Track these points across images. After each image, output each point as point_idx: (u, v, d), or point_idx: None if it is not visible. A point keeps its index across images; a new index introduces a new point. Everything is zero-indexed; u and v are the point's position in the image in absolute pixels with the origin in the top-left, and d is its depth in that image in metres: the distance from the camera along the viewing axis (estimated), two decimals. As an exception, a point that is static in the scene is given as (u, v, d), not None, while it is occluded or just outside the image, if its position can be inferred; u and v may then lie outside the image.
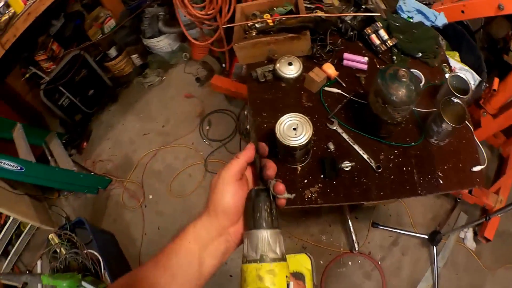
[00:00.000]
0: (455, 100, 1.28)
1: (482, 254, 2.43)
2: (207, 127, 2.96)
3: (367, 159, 1.31)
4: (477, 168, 1.29)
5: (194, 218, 0.63)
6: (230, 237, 0.61)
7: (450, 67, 1.56)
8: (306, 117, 1.15)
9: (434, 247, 2.34)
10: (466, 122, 1.27)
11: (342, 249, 2.43)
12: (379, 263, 2.40)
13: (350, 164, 1.29)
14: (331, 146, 1.34)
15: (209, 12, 2.42)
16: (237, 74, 2.76)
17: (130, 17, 2.94)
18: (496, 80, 1.97)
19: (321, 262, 2.41)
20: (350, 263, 2.41)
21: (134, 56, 3.18)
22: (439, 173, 1.29)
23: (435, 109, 1.31)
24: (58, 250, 2.14)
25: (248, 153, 0.64)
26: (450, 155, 1.33)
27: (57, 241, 2.15)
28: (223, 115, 3.02)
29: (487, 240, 2.35)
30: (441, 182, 1.28)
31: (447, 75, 1.50)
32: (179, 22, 2.73)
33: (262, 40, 1.53)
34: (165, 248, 0.59)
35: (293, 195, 0.61)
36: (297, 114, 1.16)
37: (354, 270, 2.39)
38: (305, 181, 1.30)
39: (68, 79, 2.75)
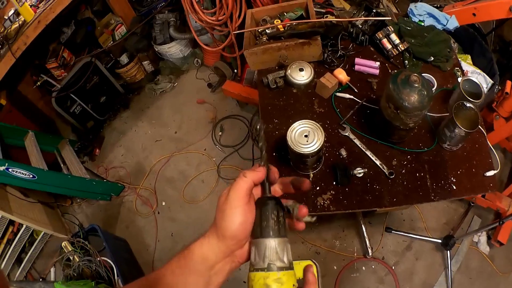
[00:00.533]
0: (468, 104, 1.27)
1: (496, 258, 2.39)
2: (220, 133, 2.96)
3: (379, 165, 1.30)
4: (490, 173, 1.27)
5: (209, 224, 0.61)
6: (236, 258, 0.60)
7: (462, 71, 1.54)
8: (318, 124, 1.15)
9: (448, 251, 2.32)
10: (479, 126, 1.25)
11: (355, 254, 2.42)
12: (393, 268, 2.38)
13: (362, 171, 1.28)
14: (343, 152, 1.34)
15: (220, 18, 2.43)
16: (249, 79, 2.76)
17: (141, 23, 2.95)
18: (509, 83, 1.95)
19: (335, 267, 2.40)
20: (363, 268, 2.39)
21: (145, 63, 3.20)
22: (452, 178, 1.28)
23: (448, 114, 1.30)
24: (71, 258, 2.15)
25: (257, 175, 0.60)
26: (463, 160, 1.31)
27: (70, 249, 2.15)
28: (236, 121, 3.02)
29: (501, 244, 2.31)
30: (454, 187, 1.27)
31: (459, 79, 1.49)
32: (190, 28, 2.74)
33: (273, 46, 1.54)
34: (171, 266, 0.58)
35: (314, 218, 0.61)
36: (309, 120, 1.16)
37: (368, 275, 2.37)
38: (317, 188, 1.30)
39: (80, 86, 2.78)
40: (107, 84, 3.04)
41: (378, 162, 1.31)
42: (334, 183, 1.30)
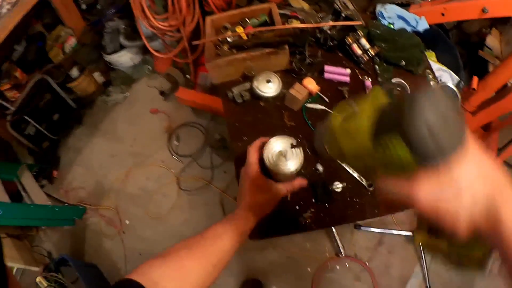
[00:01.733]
0: None
1: (470, 245, 2.45)
2: (176, 143, 2.86)
3: (357, 178, 1.26)
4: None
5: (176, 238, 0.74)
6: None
7: (433, 73, 1.52)
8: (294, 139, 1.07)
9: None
10: None
11: (328, 255, 2.41)
12: (367, 264, 2.39)
13: (341, 185, 1.23)
14: (320, 167, 1.27)
15: (172, 23, 2.29)
16: (202, 85, 2.67)
17: (91, 33, 2.82)
18: (475, 78, 1.96)
19: (309, 269, 2.38)
20: (338, 267, 2.39)
21: (96, 74, 3.02)
22: (432, 184, 1.26)
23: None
24: None
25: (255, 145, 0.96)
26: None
27: (45, 284, 2.04)
28: (191, 129, 2.92)
29: (473, 233, 2.37)
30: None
31: (431, 83, 1.47)
32: (141, 34, 2.58)
33: (238, 58, 1.43)
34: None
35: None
36: (284, 136, 1.03)
37: (343, 273, 2.37)
38: (297, 207, 1.24)
39: (33, 106, 2.61)
40: (60, 101, 2.85)
41: (356, 175, 1.26)
42: (314, 200, 1.24)
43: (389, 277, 2.38)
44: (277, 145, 0.99)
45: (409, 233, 2.41)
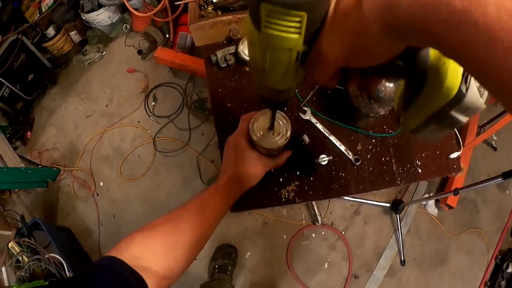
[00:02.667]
0: None
1: (445, 220, 2.50)
2: (153, 103, 2.76)
3: (344, 151, 1.20)
4: (454, 155, 1.23)
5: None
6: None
7: None
8: (282, 113, 1.01)
9: (397, 215, 2.37)
10: None
11: (304, 222, 2.41)
12: (343, 233, 2.40)
13: (327, 158, 1.17)
14: (306, 138, 1.20)
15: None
16: (181, 44, 2.56)
17: None
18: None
19: (284, 236, 2.38)
20: (313, 235, 2.40)
21: (72, 33, 2.86)
22: (417, 161, 1.21)
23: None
24: (20, 259, 1.99)
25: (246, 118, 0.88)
26: (428, 143, 1.24)
27: (18, 250, 1.99)
28: (169, 89, 2.81)
29: (450, 207, 2.40)
30: (420, 171, 1.20)
31: None
32: None
33: (223, 19, 1.30)
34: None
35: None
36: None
37: (319, 242, 2.39)
38: (280, 179, 1.18)
39: (7, 67, 2.47)
40: (35, 61, 2.71)
41: (343, 148, 1.20)
42: (298, 173, 1.19)
43: (363, 247, 2.41)
44: (265, 119, 0.92)
45: (386, 204, 2.42)
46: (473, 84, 0.37)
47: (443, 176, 1.34)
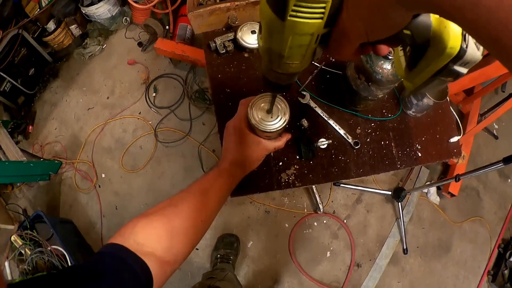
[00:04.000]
0: None
1: (447, 208, 2.49)
2: (154, 94, 2.76)
3: (343, 135, 1.20)
4: (454, 139, 1.22)
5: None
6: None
7: None
8: (281, 97, 1.01)
9: (399, 203, 2.37)
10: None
11: (306, 211, 2.41)
12: (345, 221, 2.40)
13: (326, 142, 1.17)
14: (305, 123, 1.20)
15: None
16: (181, 35, 2.56)
17: None
18: (463, 44, 1.92)
19: (287, 225, 2.38)
20: (315, 224, 2.40)
21: (73, 27, 2.85)
22: (417, 145, 1.21)
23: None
24: (23, 252, 2.00)
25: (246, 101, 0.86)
26: (428, 127, 1.24)
27: (20, 243, 2.00)
28: (169, 80, 2.81)
29: (452, 195, 2.40)
30: (420, 154, 1.20)
31: None
32: None
33: (221, 7, 1.30)
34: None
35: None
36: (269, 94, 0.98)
37: (321, 230, 2.39)
38: (280, 163, 1.18)
39: (8, 62, 2.47)
40: (35, 55, 2.72)
41: (342, 132, 1.20)
42: (298, 157, 1.19)
43: (366, 235, 2.41)
44: (264, 102, 0.92)
45: (388, 192, 2.42)
46: (471, 40, 0.43)
47: (443, 160, 1.33)
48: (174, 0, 2.41)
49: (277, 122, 0.90)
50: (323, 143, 1.17)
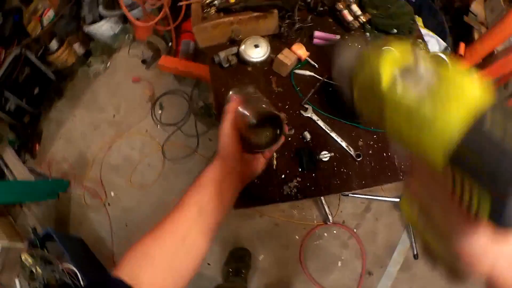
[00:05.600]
0: None
1: (455, 208, 2.47)
2: (160, 111, 2.78)
3: (345, 148, 1.22)
4: (458, 144, 1.24)
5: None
6: (244, 175, 0.75)
7: (425, 42, 1.47)
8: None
9: (408, 209, 2.36)
10: None
11: (315, 222, 2.41)
12: (355, 231, 2.40)
13: (328, 154, 1.19)
14: (308, 135, 1.23)
15: (152, -10, 2.22)
16: (184, 51, 2.58)
17: (69, 4, 2.69)
18: (462, 45, 1.94)
19: (297, 237, 2.38)
20: (325, 234, 2.39)
21: (75, 45, 2.89)
22: (420, 154, 1.24)
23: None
24: (34, 270, 1.99)
25: (234, 104, 0.76)
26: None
27: (31, 261, 1.98)
28: (175, 96, 2.83)
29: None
30: (423, 163, 1.23)
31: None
32: (120, 3, 2.48)
33: (225, 21, 1.35)
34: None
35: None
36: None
37: (331, 241, 2.38)
38: (283, 176, 1.20)
39: (12, 82, 2.50)
40: (39, 74, 2.74)
41: (344, 144, 1.22)
42: (300, 169, 1.21)
43: (376, 244, 2.40)
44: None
45: (396, 199, 2.42)
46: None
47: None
48: (176, 16, 2.44)
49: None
50: (325, 155, 1.19)
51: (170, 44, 2.70)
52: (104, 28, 2.82)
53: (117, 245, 2.45)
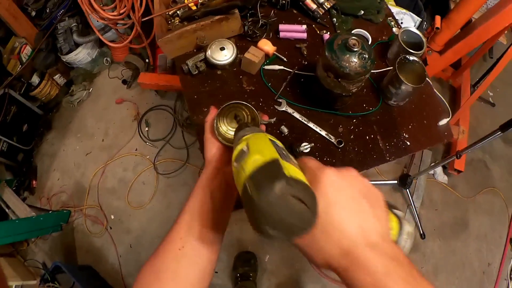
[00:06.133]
0: (411, 58, 1.14)
1: (457, 186, 2.43)
2: (146, 128, 2.73)
3: (325, 136, 1.16)
4: (443, 122, 1.18)
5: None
6: (227, 174, 0.70)
7: (396, 20, 1.42)
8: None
9: (407, 190, 2.31)
10: (427, 79, 1.14)
11: (316, 216, 2.36)
12: (358, 218, 2.34)
13: (309, 146, 1.13)
14: (285, 129, 1.17)
15: (121, 11, 2.19)
16: (162, 66, 2.56)
17: (44, 38, 2.65)
18: (438, 18, 1.89)
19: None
20: (328, 227, 2.34)
21: (56, 77, 2.85)
22: (404, 134, 1.17)
23: (389, 69, 1.18)
24: None
25: (212, 113, 0.81)
26: (413, 114, 1.20)
27: None
28: (159, 112, 2.79)
29: (459, 171, 2.34)
30: (409, 143, 1.16)
31: (394, 29, 1.37)
32: (93, 28, 2.48)
33: (188, 29, 1.30)
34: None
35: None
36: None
37: (335, 232, 2.33)
38: (267, 175, 1.15)
39: (1, 122, 2.47)
40: (26, 111, 2.71)
41: (323, 133, 1.17)
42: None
43: (381, 228, 2.34)
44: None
45: (394, 182, 2.36)
46: None
47: (434, 145, 1.29)
48: (149, 33, 2.41)
49: None
50: (305, 147, 1.13)
51: (147, 61, 2.67)
52: (81, 55, 2.79)
53: (125, 266, 2.40)
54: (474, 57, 2.33)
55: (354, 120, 1.19)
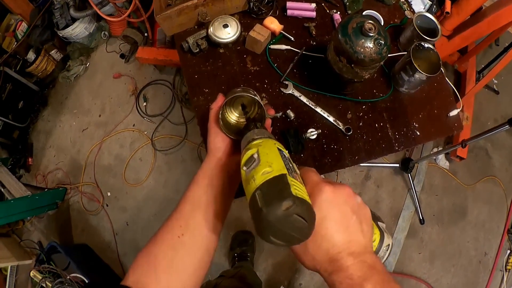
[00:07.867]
0: (426, 45, 1.05)
1: (458, 172, 2.39)
2: (144, 104, 2.65)
3: (333, 122, 1.09)
4: (453, 113, 1.11)
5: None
6: (228, 167, 0.73)
7: (408, 2, 1.32)
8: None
9: (409, 174, 2.27)
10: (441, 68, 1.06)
11: (316, 196, 2.32)
12: (357, 200, 2.30)
13: (316, 132, 1.06)
14: (291, 114, 1.09)
15: (119, -16, 2.07)
16: (161, 40, 2.45)
17: (40, 13, 2.54)
18: (448, 2, 1.80)
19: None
20: (327, 207, 2.30)
21: (53, 52, 2.75)
22: (414, 124, 1.10)
23: (402, 53, 1.09)
24: (44, 285, 1.97)
25: (217, 103, 0.77)
26: (423, 103, 1.13)
27: (40, 277, 1.97)
28: (158, 87, 2.69)
29: (461, 158, 2.29)
30: (418, 133, 1.09)
31: (406, 12, 1.27)
32: (90, 2, 2.37)
33: (189, 5, 1.18)
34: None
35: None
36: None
37: (334, 213, 2.30)
38: (270, 161, 1.09)
39: None
40: (22, 88, 2.62)
41: (331, 119, 1.09)
42: (287, 151, 1.08)
43: (380, 211, 2.31)
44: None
45: (396, 165, 2.32)
46: None
47: (444, 136, 1.24)
48: (148, 6, 2.29)
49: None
50: (312, 133, 1.06)
51: (146, 35, 2.56)
52: (78, 30, 2.67)
53: (121, 245, 2.38)
54: (481, 44, 2.26)
55: (364, 107, 1.11)
